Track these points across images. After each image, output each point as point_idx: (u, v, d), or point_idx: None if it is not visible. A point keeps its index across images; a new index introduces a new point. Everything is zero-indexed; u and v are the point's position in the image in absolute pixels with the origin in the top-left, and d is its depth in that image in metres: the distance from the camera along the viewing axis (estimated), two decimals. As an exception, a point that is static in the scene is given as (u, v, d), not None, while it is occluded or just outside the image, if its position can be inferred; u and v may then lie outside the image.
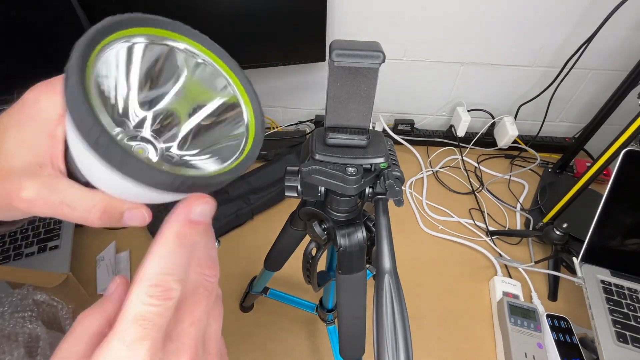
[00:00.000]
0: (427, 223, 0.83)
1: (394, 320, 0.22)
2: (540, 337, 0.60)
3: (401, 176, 0.26)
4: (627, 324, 0.58)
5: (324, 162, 0.25)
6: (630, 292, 0.62)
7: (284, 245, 0.46)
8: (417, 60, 0.93)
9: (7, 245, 0.68)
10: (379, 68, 0.23)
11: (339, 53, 0.22)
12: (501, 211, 0.87)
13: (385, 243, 0.24)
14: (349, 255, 0.31)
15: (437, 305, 0.68)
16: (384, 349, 0.21)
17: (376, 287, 0.23)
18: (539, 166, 0.97)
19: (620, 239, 0.65)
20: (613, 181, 0.63)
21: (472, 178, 0.94)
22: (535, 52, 0.90)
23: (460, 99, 1.01)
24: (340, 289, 0.35)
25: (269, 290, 0.64)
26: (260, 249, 0.49)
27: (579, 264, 0.66)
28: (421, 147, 1.02)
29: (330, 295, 0.52)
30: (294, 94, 1.03)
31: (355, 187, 0.25)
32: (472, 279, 0.72)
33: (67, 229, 0.71)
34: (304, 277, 0.42)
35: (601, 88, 0.96)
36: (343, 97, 0.24)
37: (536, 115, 1.01)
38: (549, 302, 0.69)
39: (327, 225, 0.32)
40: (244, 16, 0.78)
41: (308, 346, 0.61)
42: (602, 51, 0.87)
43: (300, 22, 0.81)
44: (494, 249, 0.78)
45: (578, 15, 0.83)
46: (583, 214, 0.69)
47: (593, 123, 0.84)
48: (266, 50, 0.85)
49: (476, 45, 0.89)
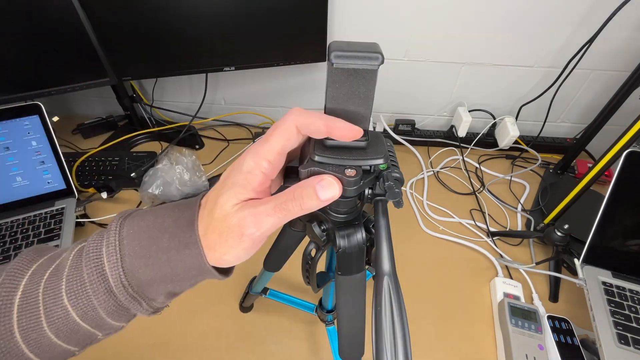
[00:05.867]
0: (427, 224, 0.83)
1: (393, 323, 0.21)
2: (541, 338, 0.59)
3: (401, 177, 0.26)
4: (629, 325, 0.58)
5: (323, 164, 0.24)
6: (631, 294, 0.62)
7: (283, 246, 0.45)
8: (418, 60, 0.92)
9: (7, 245, 0.68)
10: (378, 69, 0.22)
11: (338, 54, 0.22)
12: (502, 212, 0.86)
13: (384, 245, 0.24)
14: (348, 257, 0.31)
15: (437, 306, 0.68)
16: (383, 351, 0.21)
17: (375, 290, 0.23)
18: (540, 167, 0.96)
19: (622, 240, 0.65)
20: (615, 182, 0.63)
21: (473, 178, 0.94)
22: (536, 53, 0.90)
23: (462, 99, 1.01)
24: (340, 290, 0.35)
25: (269, 290, 0.64)
26: (260, 249, 0.49)
27: (580, 265, 0.66)
28: (422, 148, 1.02)
29: (329, 296, 0.52)
30: (294, 94, 1.03)
31: (355, 189, 0.25)
32: (473, 280, 0.72)
33: (67, 229, 0.71)
34: (303, 278, 0.42)
35: (603, 88, 0.95)
36: (342, 98, 0.24)
37: (537, 116, 1.00)
38: (550, 304, 0.69)
39: (326, 226, 0.32)
40: (244, 16, 0.78)
41: (307, 347, 0.61)
42: (604, 52, 0.87)
43: (300, 22, 0.81)
44: (494, 249, 0.77)
45: (580, 16, 0.82)
46: (584, 215, 0.69)
47: (595, 124, 0.83)
48: (266, 50, 0.85)
49: (477, 45, 0.89)
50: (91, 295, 0.23)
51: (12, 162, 0.72)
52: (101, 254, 0.23)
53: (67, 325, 0.23)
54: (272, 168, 0.23)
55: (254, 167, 0.22)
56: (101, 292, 0.23)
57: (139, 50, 0.80)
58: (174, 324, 0.63)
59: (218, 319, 0.64)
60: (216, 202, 0.23)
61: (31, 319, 0.22)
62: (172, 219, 0.24)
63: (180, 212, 0.24)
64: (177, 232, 0.23)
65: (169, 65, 0.84)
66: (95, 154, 0.89)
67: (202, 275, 0.24)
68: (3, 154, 0.71)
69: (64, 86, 0.79)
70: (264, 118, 1.06)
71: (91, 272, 0.22)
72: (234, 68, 0.86)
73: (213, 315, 0.64)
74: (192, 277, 0.24)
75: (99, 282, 0.22)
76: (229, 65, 0.86)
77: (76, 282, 0.23)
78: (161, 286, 0.24)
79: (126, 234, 0.23)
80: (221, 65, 0.86)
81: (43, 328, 0.22)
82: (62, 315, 0.23)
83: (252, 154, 0.23)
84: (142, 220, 0.24)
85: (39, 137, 0.73)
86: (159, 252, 0.23)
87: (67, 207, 0.75)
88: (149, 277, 0.23)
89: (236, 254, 0.23)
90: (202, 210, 0.24)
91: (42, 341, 0.23)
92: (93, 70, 0.80)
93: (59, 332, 0.23)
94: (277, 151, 0.23)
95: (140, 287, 0.23)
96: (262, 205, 0.22)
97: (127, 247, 0.23)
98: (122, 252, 0.23)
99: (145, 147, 0.98)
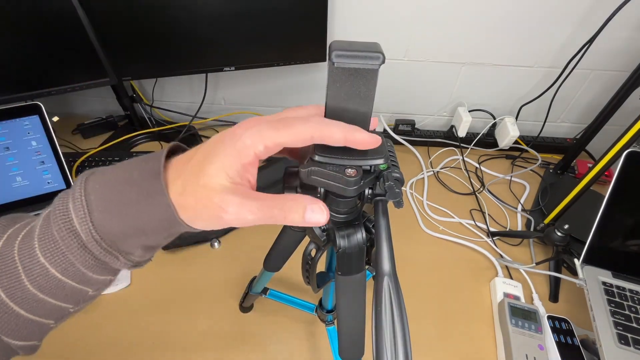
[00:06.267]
0: (427, 224, 0.83)
1: (393, 323, 0.21)
2: (541, 338, 0.59)
3: (401, 177, 0.26)
4: (629, 325, 0.58)
5: (323, 164, 0.24)
6: (631, 294, 0.62)
7: (283, 246, 0.45)
8: (418, 60, 0.92)
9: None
10: (379, 69, 0.22)
11: (339, 54, 0.22)
12: (502, 212, 0.86)
13: (384, 245, 0.24)
14: (348, 257, 0.31)
15: (437, 307, 0.68)
16: (383, 351, 0.21)
17: (375, 290, 0.23)
18: (540, 167, 0.96)
19: (622, 240, 0.65)
20: (615, 182, 0.63)
21: (473, 179, 0.94)
22: (536, 53, 0.90)
23: (462, 99, 1.01)
24: (340, 290, 0.35)
25: (269, 290, 0.64)
26: (259, 249, 0.49)
27: (580, 266, 0.66)
28: (422, 148, 1.02)
29: (329, 296, 0.52)
30: (294, 94, 1.03)
31: (355, 189, 0.25)
32: (473, 280, 0.72)
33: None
34: (303, 278, 0.41)
35: (603, 88, 0.95)
36: (342, 98, 0.24)
37: (537, 116, 1.00)
38: (550, 304, 0.69)
39: (326, 226, 0.32)
40: (244, 16, 0.78)
41: (307, 347, 0.61)
42: (604, 52, 0.87)
43: (301, 22, 0.81)
44: (494, 249, 0.77)
45: (580, 16, 0.82)
46: (584, 215, 0.69)
47: (595, 124, 0.83)
48: (266, 50, 0.85)
49: (477, 45, 0.89)
50: (65, 252, 0.23)
51: (12, 162, 0.72)
52: (68, 210, 0.23)
53: (48, 281, 0.23)
54: (266, 153, 0.23)
55: (250, 145, 0.22)
56: (74, 247, 0.23)
57: (138, 50, 0.80)
58: (174, 324, 0.63)
59: (218, 319, 0.64)
60: (203, 169, 0.22)
61: (12, 278, 0.23)
62: (138, 171, 0.24)
63: (148, 163, 0.24)
64: (144, 183, 0.23)
65: (169, 65, 0.84)
66: (95, 154, 0.90)
67: (174, 227, 0.24)
68: (3, 154, 0.71)
69: (64, 86, 0.79)
70: (264, 118, 1.06)
71: (60, 228, 0.23)
72: (234, 68, 0.86)
73: (213, 315, 0.64)
74: (164, 229, 0.24)
75: (70, 237, 0.23)
76: (229, 65, 0.86)
77: (48, 240, 0.23)
78: (135, 239, 0.24)
79: (91, 189, 0.23)
80: (221, 65, 0.86)
81: (25, 285, 0.23)
82: (42, 272, 0.23)
83: (253, 132, 0.22)
84: (107, 175, 0.24)
85: (39, 137, 0.73)
86: (128, 205, 0.23)
87: (67, 207, 0.75)
88: (120, 230, 0.23)
89: (205, 225, 0.24)
90: (181, 166, 0.24)
91: (28, 297, 0.23)
92: (93, 70, 0.80)
93: (42, 288, 0.23)
94: (279, 144, 0.22)
95: (113, 241, 0.24)
96: (248, 200, 0.22)
97: (94, 202, 0.23)
98: (90, 207, 0.23)
99: (145, 147, 0.98)
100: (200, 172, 0.22)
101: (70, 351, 0.59)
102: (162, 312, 0.64)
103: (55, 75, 0.77)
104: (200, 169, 0.22)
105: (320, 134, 0.22)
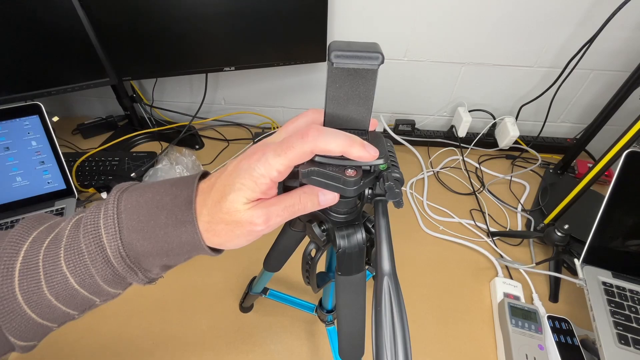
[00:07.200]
0: (427, 224, 0.83)
1: (393, 323, 0.21)
2: (541, 338, 0.59)
3: (401, 178, 0.26)
4: (629, 325, 0.58)
5: (323, 164, 0.24)
6: (631, 294, 0.62)
7: (283, 246, 0.45)
8: (418, 60, 0.92)
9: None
10: (378, 69, 0.22)
11: (338, 54, 0.22)
12: (502, 212, 0.86)
13: (384, 245, 0.24)
14: (348, 257, 0.31)
15: (437, 306, 0.68)
16: (383, 351, 0.21)
17: (375, 290, 0.23)
18: (540, 167, 0.96)
19: (622, 240, 0.65)
20: (615, 182, 0.63)
21: (473, 179, 0.94)
22: (536, 53, 0.90)
23: (461, 99, 1.01)
24: (340, 290, 0.35)
25: (269, 290, 0.64)
26: (260, 249, 0.48)
27: (580, 266, 0.66)
28: (422, 148, 1.02)
29: (329, 296, 0.52)
30: (294, 94, 1.03)
31: (355, 189, 0.25)
32: (473, 280, 0.72)
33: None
34: (303, 278, 0.41)
35: (603, 89, 0.95)
36: (342, 98, 0.24)
37: (537, 116, 1.00)
38: (550, 304, 0.69)
39: (326, 226, 0.32)
40: (244, 16, 0.78)
41: (307, 347, 0.61)
42: (604, 52, 0.87)
43: (301, 22, 0.81)
44: (494, 249, 0.77)
45: (580, 16, 0.82)
46: (584, 215, 0.69)
47: (595, 124, 0.83)
48: (266, 50, 0.85)
49: (477, 45, 0.89)
50: (89, 265, 0.24)
51: (12, 162, 0.72)
52: (99, 226, 0.25)
53: (66, 290, 0.25)
54: (281, 176, 0.24)
55: (264, 174, 0.24)
56: (99, 261, 0.24)
57: (138, 51, 0.80)
58: (174, 324, 0.63)
59: (218, 319, 0.64)
60: (225, 197, 0.24)
61: (32, 282, 0.24)
62: (169, 197, 0.26)
63: (178, 190, 0.26)
64: (175, 210, 0.25)
65: (169, 65, 0.84)
66: (95, 154, 0.89)
67: (196, 252, 0.26)
68: (3, 154, 0.71)
69: (64, 86, 0.79)
70: (264, 118, 1.06)
71: (89, 243, 0.24)
72: (234, 68, 0.86)
73: (213, 315, 0.64)
74: (186, 252, 0.26)
75: (97, 252, 0.24)
76: (229, 65, 0.86)
77: (74, 251, 0.24)
78: (157, 259, 0.26)
79: (124, 208, 0.25)
80: (221, 65, 0.86)
81: (43, 292, 0.24)
82: (62, 281, 0.24)
83: (263, 161, 0.24)
84: (140, 196, 0.26)
85: (39, 137, 0.73)
86: (157, 228, 0.25)
87: (67, 207, 0.75)
88: (146, 250, 0.25)
89: (239, 243, 0.26)
90: (205, 195, 0.25)
91: (43, 303, 0.25)
92: (93, 70, 0.80)
93: (58, 296, 0.25)
94: (287, 166, 0.24)
95: (137, 258, 0.25)
96: (273, 206, 0.25)
97: (125, 220, 0.25)
98: (121, 225, 0.25)
99: (145, 147, 0.98)
100: (222, 202, 0.24)
101: (70, 351, 0.59)
102: (162, 312, 0.64)
103: (55, 75, 0.77)
104: (221, 199, 0.24)
105: (318, 150, 0.23)
